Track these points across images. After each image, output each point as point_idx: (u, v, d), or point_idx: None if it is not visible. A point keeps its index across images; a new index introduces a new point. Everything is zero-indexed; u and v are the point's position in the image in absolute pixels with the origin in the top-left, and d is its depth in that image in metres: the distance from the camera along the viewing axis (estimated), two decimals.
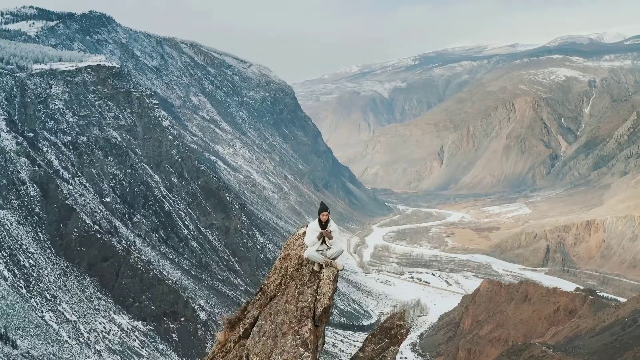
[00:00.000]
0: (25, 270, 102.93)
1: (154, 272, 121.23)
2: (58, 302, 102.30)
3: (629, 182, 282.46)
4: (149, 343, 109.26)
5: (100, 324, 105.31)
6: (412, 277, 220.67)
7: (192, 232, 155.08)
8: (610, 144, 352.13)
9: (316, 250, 10.89)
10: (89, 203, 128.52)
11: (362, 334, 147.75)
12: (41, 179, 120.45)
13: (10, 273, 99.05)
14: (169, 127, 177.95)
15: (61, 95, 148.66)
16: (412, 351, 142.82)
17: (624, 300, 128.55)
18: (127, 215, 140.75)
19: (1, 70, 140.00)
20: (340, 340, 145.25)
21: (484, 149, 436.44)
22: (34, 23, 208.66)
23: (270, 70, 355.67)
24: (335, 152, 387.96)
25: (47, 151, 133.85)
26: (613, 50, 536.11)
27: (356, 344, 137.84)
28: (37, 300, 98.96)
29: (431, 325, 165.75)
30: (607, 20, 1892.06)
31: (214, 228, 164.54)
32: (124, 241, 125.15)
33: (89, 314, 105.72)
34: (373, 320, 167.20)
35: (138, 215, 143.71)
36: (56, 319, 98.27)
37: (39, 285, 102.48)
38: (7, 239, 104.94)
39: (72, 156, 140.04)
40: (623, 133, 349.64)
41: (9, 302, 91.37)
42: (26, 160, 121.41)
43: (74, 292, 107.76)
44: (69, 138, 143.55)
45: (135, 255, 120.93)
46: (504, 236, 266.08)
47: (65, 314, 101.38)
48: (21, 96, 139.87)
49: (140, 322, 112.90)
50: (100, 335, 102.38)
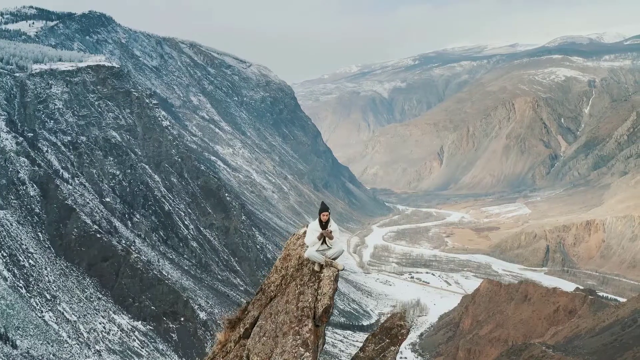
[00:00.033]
0: (25, 270, 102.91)
1: (153, 272, 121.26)
2: (58, 302, 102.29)
3: (628, 182, 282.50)
4: (149, 343, 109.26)
5: (100, 324, 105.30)
6: (412, 277, 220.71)
7: (192, 232, 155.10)
8: (610, 144, 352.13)
9: (317, 250, 10.89)
10: (88, 203, 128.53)
11: (362, 334, 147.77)
12: (41, 179, 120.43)
13: (10, 273, 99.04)
14: (169, 127, 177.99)
15: (61, 95, 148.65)
16: (412, 351, 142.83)
17: (624, 300, 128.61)
18: (127, 215, 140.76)
19: (1, 70, 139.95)
20: (340, 340, 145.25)
21: (483, 149, 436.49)
22: (33, 23, 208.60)
23: (270, 70, 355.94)
24: (335, 152, 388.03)
25: (47, 151, 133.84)
26: (613, 50, 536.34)
27: (356, 344, 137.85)
28: (37, 300, 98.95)
29: (431, 325, 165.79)
30: (607, 20, 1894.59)
31: (214, 228, 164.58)
32: (124, 241, 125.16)
33: (88, 314, 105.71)
34: (373, 320, 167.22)
35: (138, 215, 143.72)
36: (56, 319, 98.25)
37: (38, 285, 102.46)
38: (7, 239, 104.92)
39: (72, 156, 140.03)
40: (623, 133, 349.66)
41: (8, 302, 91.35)
42: (26, 160, 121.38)
43: (73, 292, 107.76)
44: (69, 138, 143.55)
45: (135, 255, 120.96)
46: (504, 236, 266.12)
47: (65, 314, 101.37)
48: (21, 96, 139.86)
49: (140, 322, 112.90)
50: (100, 335, 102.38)
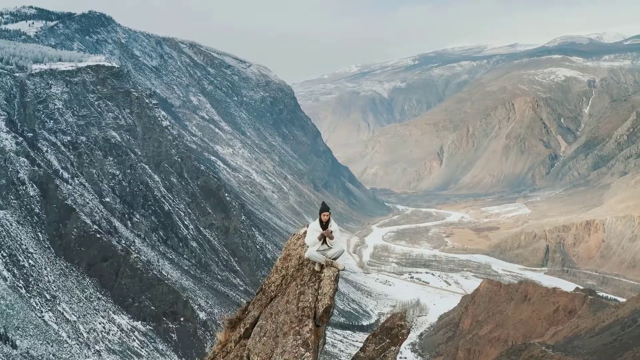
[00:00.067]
0: (25, 271, 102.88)
1: (153, 272, 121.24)
2: (57, 302, 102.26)
3: (628, 182, 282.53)
4: (149, 343, 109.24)
5: (99, 324, 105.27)
6: (412, 277, 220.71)
7: (192, 232, 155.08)
8: (609, 144, 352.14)
9: (317, 250, 10.88)
10: (88, 203, 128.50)
11: (362, 334, 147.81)
12: (41, 179, 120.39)
13: (9, 273, 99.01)
14: (169, 127, 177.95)
15: (61, 95, 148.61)
16: (412, 351, 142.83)
17: (624, 300, 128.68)
18: (127, 215, 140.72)
19: (1, 70, 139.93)
20: (340, 340, 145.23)
21: (483, 149, 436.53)
22: (33, 23, 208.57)
23: (270, 70, 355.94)
24: (334, 152, 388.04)
25: (47, 151, 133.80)
26: (612, 50, 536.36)
27: (356, 344, 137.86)
28: (37, 301, 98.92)
29: (431, 325, 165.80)
30: (607, 20, 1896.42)
31: (214, 228, 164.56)
32: (124, 241, 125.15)
33: (88, 314, 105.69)
34: (372, 320, 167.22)
35: (137, 215, 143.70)
36: (56, 319, 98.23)
37: (38, 285, 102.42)
38: (7, 239, 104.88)
39: (72, 156, 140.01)
40: (622, 133, 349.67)
41: (8, 302, 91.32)
42: (26, 160, 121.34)
43: (73, 292, 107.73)
44: (69, 138, 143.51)
45: (135, 255, 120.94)
46: (504, 236, 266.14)
47: (65, 314, 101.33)
48: (21, 96, 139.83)
49: (139, 322, 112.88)
50: (100, 336, 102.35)
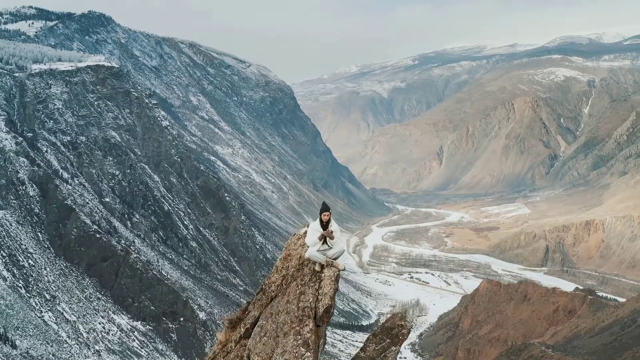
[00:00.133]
0: (25, 271, 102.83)
1: (153, 272, 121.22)
2: (57, 302, 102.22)
3: (628, 182, 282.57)
4: (149, 343, 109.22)
5: (99, 324, 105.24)
6: (412, 277, 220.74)
7: (192, 232, 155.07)
8: (609, 144, 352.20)
9: (317, 250, 10.89)
10: (88, 203, 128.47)
11: (362, 334, 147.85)
12: (40, 179, 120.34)
13: (9, 273, 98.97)
14: (168, 127, 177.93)
15: (60, 95, 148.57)
16: (412, 351, 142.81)
17: (623, 300, 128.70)
18: (127, 215, 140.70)
19: (0, 70, 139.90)
20: (340, 340, 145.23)
21: (483, 149, 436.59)
22: (33, 23, 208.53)
23: (270, 70, 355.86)
24: (334, 152, 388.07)
25: (47, 151, 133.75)
26: (612, 50, 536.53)
27: (355, 344, 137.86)
28: (37, 301, 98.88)
29: (430, 325, 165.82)
30: (607, 20, 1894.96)
31: (213, 228, 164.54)
32: (123, 241, 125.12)
33: (88, 314, 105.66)
34: (372, 320, 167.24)
35: (137, 215, 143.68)
36: (55, 319, 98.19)
37: (38, 285, 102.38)
38: (7, 239, 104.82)
39: (72, 156, 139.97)
40: (622, 133, 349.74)
41: (8, 302, 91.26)
42: (25, 160, 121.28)
43: (73, 292, 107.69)
44: (68, 138, 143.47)
45: (135, 255, 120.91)
46: (503, 236, 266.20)
47: (65, 314, 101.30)
48: (20, 96, 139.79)
49: (139, 322, 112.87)
50: (100, 336, 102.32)
